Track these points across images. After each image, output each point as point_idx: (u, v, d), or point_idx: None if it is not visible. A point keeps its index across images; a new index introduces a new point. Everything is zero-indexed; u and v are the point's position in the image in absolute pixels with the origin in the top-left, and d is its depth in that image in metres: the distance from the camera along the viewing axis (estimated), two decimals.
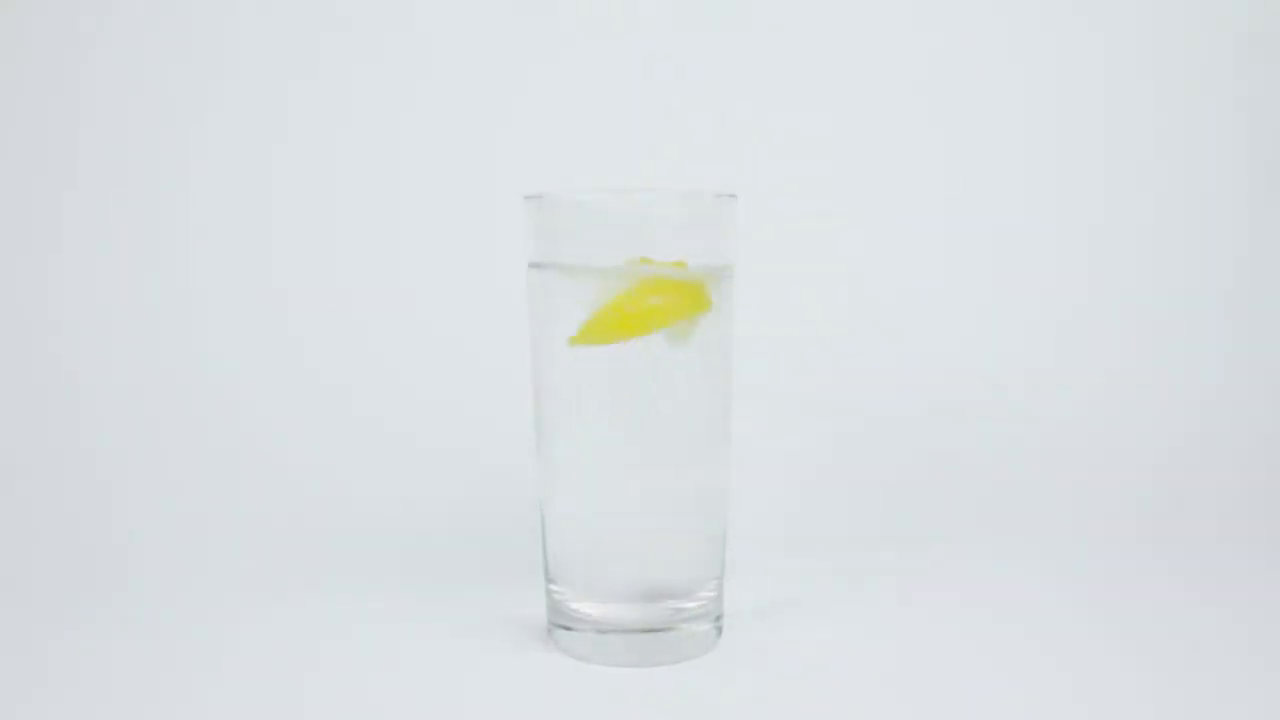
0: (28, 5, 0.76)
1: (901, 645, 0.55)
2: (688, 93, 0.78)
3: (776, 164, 0.79)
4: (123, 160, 0.77)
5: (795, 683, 0.51)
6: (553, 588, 0.54)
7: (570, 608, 0.53)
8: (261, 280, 0.78)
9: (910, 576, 0.65)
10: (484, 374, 0.75)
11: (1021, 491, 0.76)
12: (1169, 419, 0.80)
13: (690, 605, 0.53)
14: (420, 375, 0.77)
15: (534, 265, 0.53)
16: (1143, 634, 0.56)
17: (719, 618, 0.55)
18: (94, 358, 0.75)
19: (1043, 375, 0.81)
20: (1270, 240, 0.83)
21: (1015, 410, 0.79)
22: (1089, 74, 0.83)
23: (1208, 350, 0.82)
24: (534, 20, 0.80)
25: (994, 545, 0.70)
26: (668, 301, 0.50)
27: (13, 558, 0.66)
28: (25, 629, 0.57)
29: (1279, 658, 0.54)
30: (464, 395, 0.76)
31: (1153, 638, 0.56)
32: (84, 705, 0.49)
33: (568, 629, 0.53)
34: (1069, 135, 0.82)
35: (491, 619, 0.58)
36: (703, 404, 0.53)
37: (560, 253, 0.52)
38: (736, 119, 0.79)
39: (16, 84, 0.77)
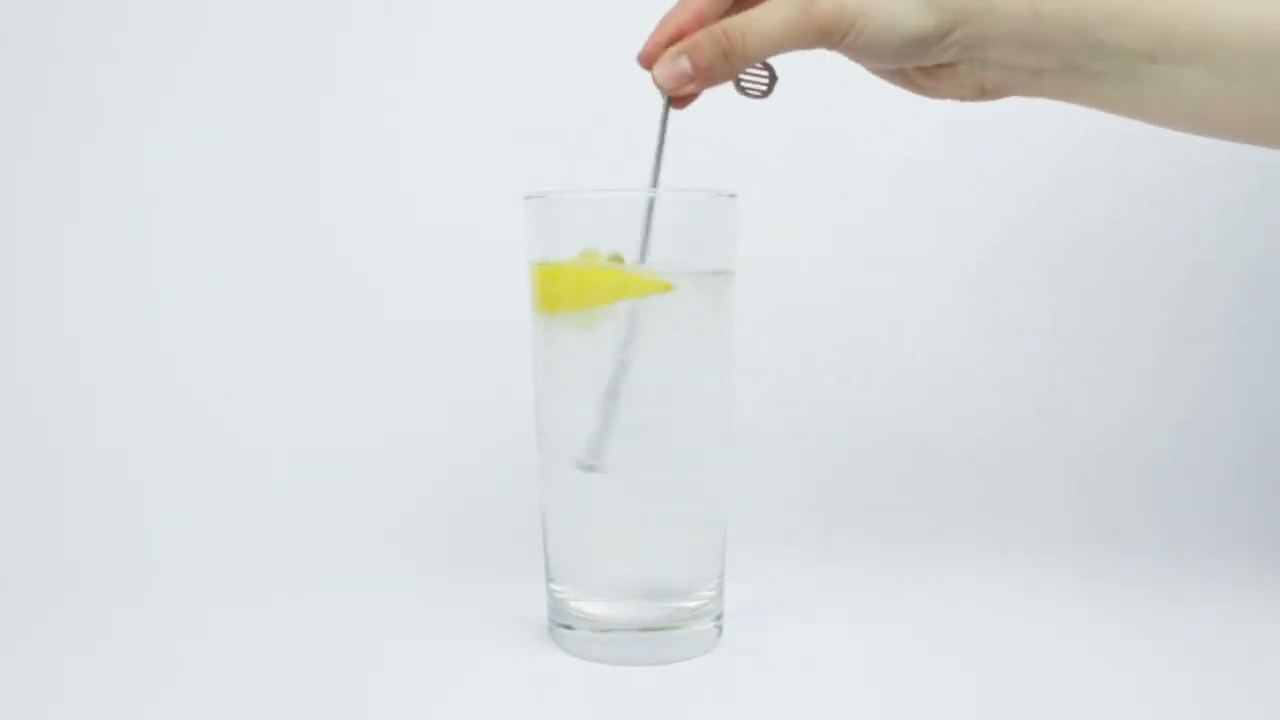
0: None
1: (901, 644, 0.55)
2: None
3: (776, 164, 0.79)
4: (124, 159, 0.78)
5: (795, 683, 0.51)
6: (553, 587, 0.54)
7: (571, 607, 0.53)
8: (263, 280, 0.78)
9: (910, 576, 0.65)
10: (484, 374, 0.75)
11: (1021, 491, 0.76)
12: (1166, 418, 0.80)
13: (690, 605, 0.53)
14: (420, 375, 0.77)
15: (535, 265, 0.54)
16: (1140, 632, 0.57)
17: (719, 617, 0.55)
18: (95, 356, 0.75)
19: (1041, 376, 0.81)
20: (1268, 238, 0.83)
21: (1014, 411, 0.80)
22: None
23: (1202, 353, 0.82)
24: (533, 19, 0.81)
25: (994, 544, 0.70)
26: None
27: (11, 557, 0.66)
28: (23, 628, 0.57)
29: (1276, 657, 0.54)
30: (464, 395, 0.76)
31: (1150, 635, 0.56)
32: (82, 705, 0.49)
33: (568, 628, 0.53)
34: (1064, 134, 0.82)
35: (491, 619, 0.58)
36: (703, 403, 0.53)
37: (560, 253, 0.52)
38: (736, 119, 0.79)
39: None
